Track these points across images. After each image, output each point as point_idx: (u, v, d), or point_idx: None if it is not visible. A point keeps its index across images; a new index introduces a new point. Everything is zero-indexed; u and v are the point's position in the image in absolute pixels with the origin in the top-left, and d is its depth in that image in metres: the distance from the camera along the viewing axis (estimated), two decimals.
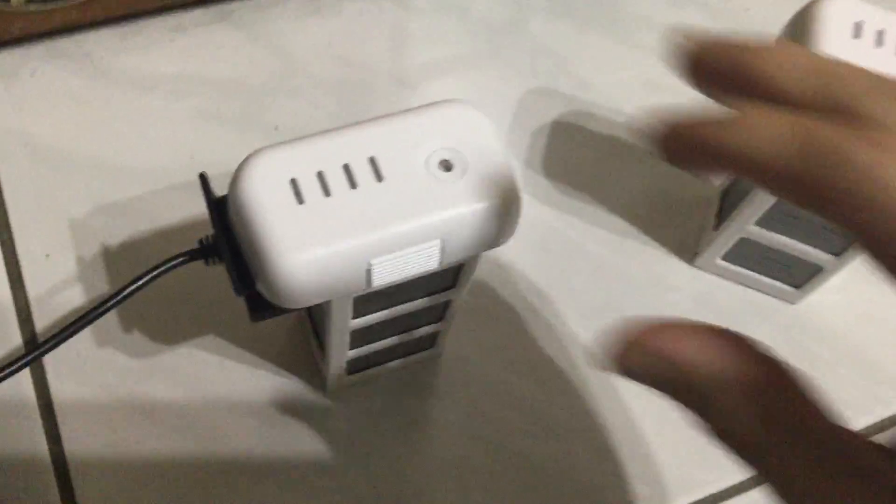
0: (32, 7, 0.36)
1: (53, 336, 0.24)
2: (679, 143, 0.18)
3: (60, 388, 0.32)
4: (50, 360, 0.32)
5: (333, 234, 0.21)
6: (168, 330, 0.33)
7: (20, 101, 0.37)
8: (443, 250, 0.23)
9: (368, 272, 0.22)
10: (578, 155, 0.40)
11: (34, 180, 0.36)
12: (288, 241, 0.21)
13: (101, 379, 0.32)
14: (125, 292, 0.24)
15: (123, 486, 0.31)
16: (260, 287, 0.22)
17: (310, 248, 0.21)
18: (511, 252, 0.37)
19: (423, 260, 0.23)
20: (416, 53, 0.42)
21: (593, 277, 0.37)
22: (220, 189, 0.25)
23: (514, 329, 0.36)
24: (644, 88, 0.42)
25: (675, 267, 0.38)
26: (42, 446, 0.31)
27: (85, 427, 0.31)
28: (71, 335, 0.24)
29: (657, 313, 0.37)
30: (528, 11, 0.44)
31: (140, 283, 0.24)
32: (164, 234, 0.35)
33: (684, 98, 0.27)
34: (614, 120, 0.41)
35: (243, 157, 0.37)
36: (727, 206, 0.36)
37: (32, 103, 0.38)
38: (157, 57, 0.39)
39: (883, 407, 0.36)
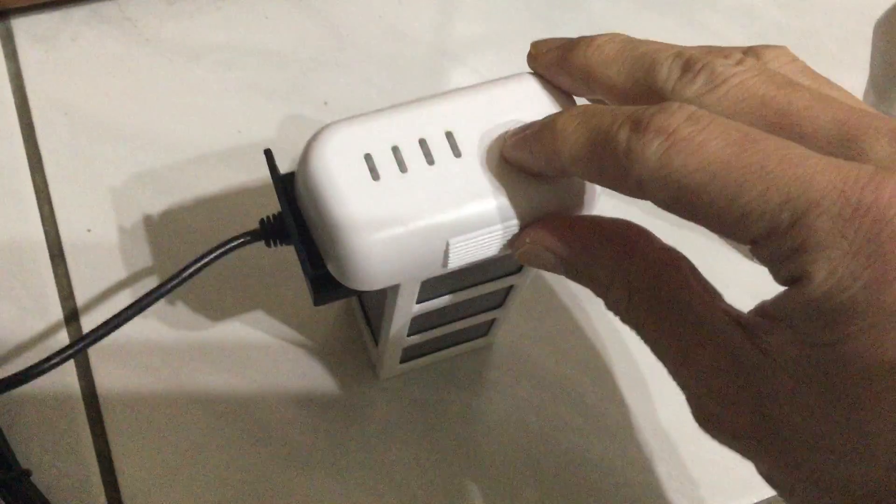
0: None
1: (104, 324, 0.23)
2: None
3: (103, 371, 0.31)
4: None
5: (411, 213, 0.20)
6: (214, 307, 0.32)
7: (60, 66, 0.36)
8: (522, 230, 0.21)
9: (445, 253, 0.21)
10: None
11: (75, 151, 0.34)
12: (364, 219, 0.20)
13: (144, 359, 0.31)
14: (184, 275, 0.22)
15: (166, 470, 0.29)
16: (331, 268, 0.21)
17: (387, 227, 0.20)
18: None
19: (502, 240, 0.21)
20: (470, 27, 0.40)
21: None
22: (262, 157, 0.23)
23: (569, 321, 0.34)
24: None
25: (733, 261, 0.37)
26: (85, 429, 0.30)
27: (127, 407, 0.30)
28: (124, 321, 0.22)
29: None
30: None
31: (200, 264, 0.22)
32: (210, 208, 0.34)
33: None
34: None
35: (292, 132, 0.36)
36: None
37: (73, 69, 0.36)
38: (204, 25, 0.38)
39: None
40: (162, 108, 0.36)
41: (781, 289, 0.17)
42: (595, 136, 0.18)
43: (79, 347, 0.22)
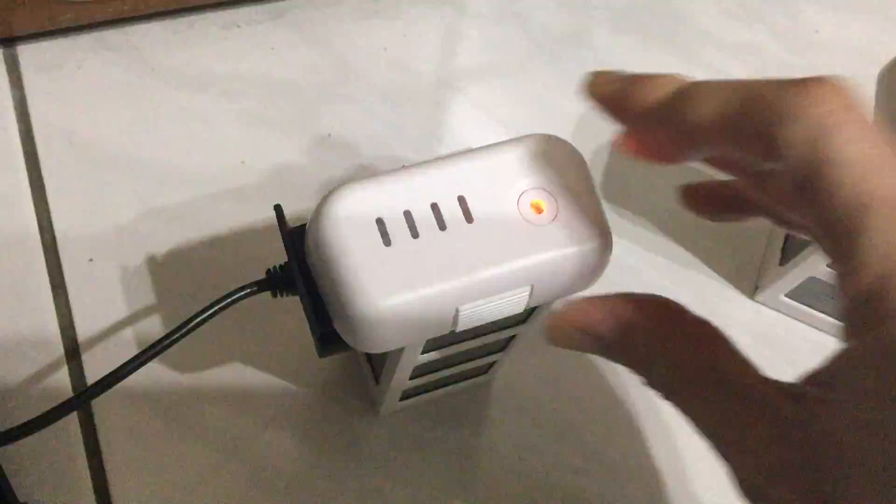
0: None
1: (107, 376, 0.23)
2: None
3: (102, 406, 0.31)
4: (91, 377, 0.31)
5: (421, 280, 0.20)
6: (214, 344, 0.32)
7: (65, 94, 0.36)
8: (531, 295, 0.21)
9: (455, 318, 0.21)
10: (638, 177, 0.39)
11: (78, 179, 0.34)
12: (374, 286, 0.20)
13: (143, 394, 0.31)
14: (189, 325, 0.22)
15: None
16: (338, 327, 0.21)
17: (397, 294, 0.20)
18: None
19: (512, 305, 0.21)
20: (473, 60, 0.40)
21: None
22: (266, 190, 0.23)
23: (569, 358, 0.34)
24: None
25: (734, 300, 0.37)
26: (83, 463, 0.30)
27: (126, 442, 0.30)
28: (128, 373, 0.23)
29: None
30: (591, 23, 0.42)
31: (206, 314, 0.23)
32: (213, 243, 0.34)
33: None
34: None
35: (295, 164, 0.36)
36: (794, 242, 0.35)
37: (78, 97, 0.36)
38: (209, 54, 0.38)
39: None
40: (166, 137, 0.36)
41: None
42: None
43: (81, 400, 0.22)
